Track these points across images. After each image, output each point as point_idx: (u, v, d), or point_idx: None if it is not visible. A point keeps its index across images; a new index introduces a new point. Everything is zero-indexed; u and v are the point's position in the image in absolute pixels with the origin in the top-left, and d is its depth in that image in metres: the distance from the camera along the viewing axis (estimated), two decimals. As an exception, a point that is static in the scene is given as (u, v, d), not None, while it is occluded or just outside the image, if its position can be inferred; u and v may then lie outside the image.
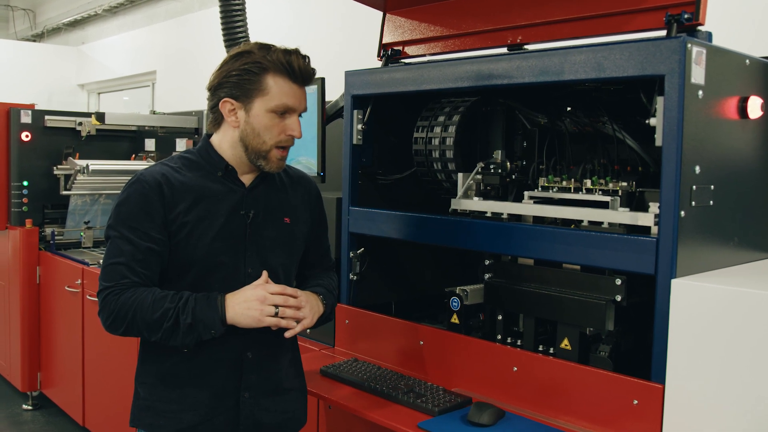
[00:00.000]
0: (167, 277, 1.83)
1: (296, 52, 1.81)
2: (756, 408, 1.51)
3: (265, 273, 1.78)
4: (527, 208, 2.06)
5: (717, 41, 1.78)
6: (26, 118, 4.82)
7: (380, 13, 2.55)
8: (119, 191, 1.85)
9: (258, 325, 1.73)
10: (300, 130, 1.83)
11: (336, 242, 2.53)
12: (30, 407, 4.87)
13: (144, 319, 1.72)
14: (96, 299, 1.79)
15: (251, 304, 1.72)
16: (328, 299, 1.95)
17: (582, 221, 1.92)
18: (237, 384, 1.85)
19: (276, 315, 1.74)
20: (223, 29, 3.26)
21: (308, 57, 1.84)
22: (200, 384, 1.83)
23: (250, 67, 1.77)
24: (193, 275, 1.82)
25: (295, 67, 1.78)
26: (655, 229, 1.73)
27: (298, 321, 1.77)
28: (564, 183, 2.04)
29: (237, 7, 3.27)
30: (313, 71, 1.84)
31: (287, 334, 1.80)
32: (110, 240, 1.80)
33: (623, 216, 1.83)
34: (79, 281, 4.22)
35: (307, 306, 1.82)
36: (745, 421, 1.52)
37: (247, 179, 1.90)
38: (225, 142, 1.87)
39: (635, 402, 1.70)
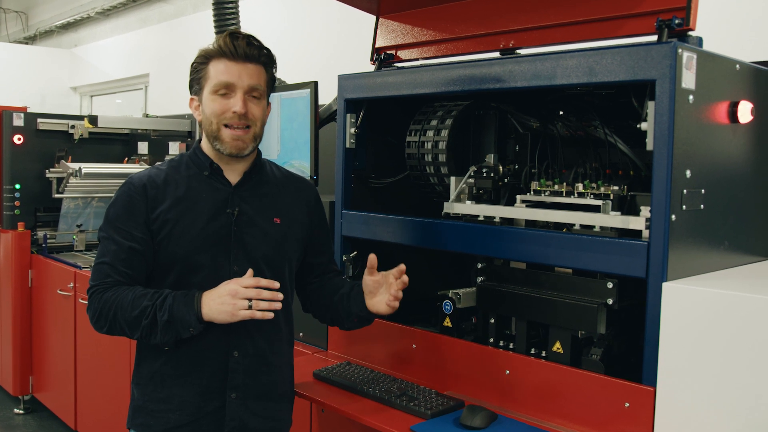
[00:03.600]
0: (153, 276, 1.86)
1: (239, 33, 1.83)
2: (747, 410, 1.52)
3: (250, 271, 1.78)
4: (519, 211, 2.07)
5: (708, 46, 1.79)
6: (18, 120, 4.81)
7: (373, 18, 2.56)
8: (112, 194, 1.90)
9: (233, 319, 1.74)
10: (242, 106, 1.81)
11: (329, 246, 2.53)
12: (22, 411, 4.86)
13: (124, 317, 1.76)
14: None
15: (224, 299, 1.73)
16: None
17: (574, 225, 1.93)
18: (223, 384, 1.86)
19: (250, 308, 1.73)
20: (216, 33, 3.27)
21: (255, 38, 1.85)
22: (186, 384, 1.85)
23: (199, 61, 1.86)
24: (177, 273, 1.84)
25: (232, 46, 1.80)
26: (646, 233, 1.74)
27: (274, 311, 1.75)
28: (556, 187, 2.05)
29: (230, 11, 3.29)
30: (257, 48, 1.83)
31: (388, 304, 1.89)
32: (100, 241, 1.87)
33: (614, 220, 1.84)
34: (71, 284, 4.21)
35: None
36: (736, 423, 1.53)
37: (234, 178, 1.92)
38: (203, 139, 1.91)
39: (627, 405, 1.71)
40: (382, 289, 1.91)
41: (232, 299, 1.72)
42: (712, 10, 2.34)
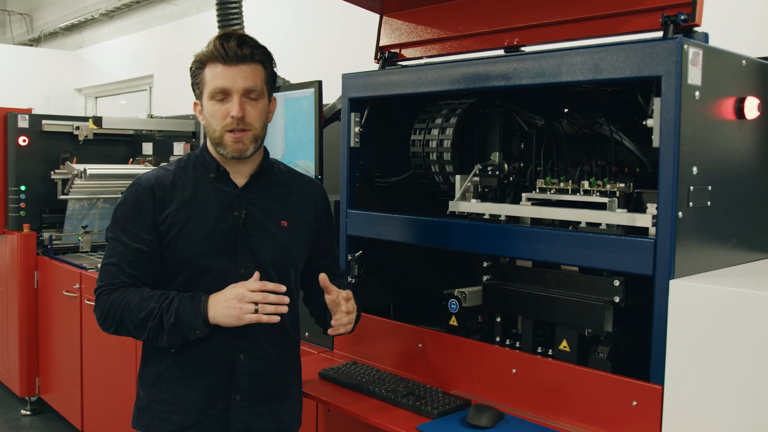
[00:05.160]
0: (161, 278, 1.86)
1: (230, 34, 1.82)
2: (755, 408, 1.51)
3: (256, 274, 1.77)
4: (525, 209, 2.06)
5: (713, 42, 1.78)
6: (23, 122, 4.82)
7: (377, 16, 2.55)
8: (117, 195, 1.90)
9: (239, 323, 1.73)
10: (239, 110, 1.79)
11: (334, 245, 2.53)
12: (28, 412, 4.87)
13: (131, 319, 1.76)
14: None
15: (230, 302, 1.72)
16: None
17: (580, 223, 1.92)
18: (228, 387, 1.85)
19: (256, 312, 1.72)
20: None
21: (248, 36, 1.84)
22: (191, 385, 1.84)
23: (196, 66, 1.85)
24: (184, 276, 1.84)
25: (222, 50, 1.79)
26: (652, 230, 1.73)
27: (280, 314, 1.74)
28: (561, 184, 2.04)
29: (234, 11, 3.28)
30: (249, 47, 1.81)
31: (330, 332, 1.88)
32: (108, 241, 1.87)
33: (621, 217, 1.83)
34: (77, 286, 4.21)
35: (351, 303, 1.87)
36: (744, 422, 1.52)
37: (240, 180, 1.91)
38: (209, 141, 1.91)
39: (634, 403, 1.70)
40: (337, 309, 1.89)
41: (239, 303, 1.72)
42: (718, 5, 2.33)
